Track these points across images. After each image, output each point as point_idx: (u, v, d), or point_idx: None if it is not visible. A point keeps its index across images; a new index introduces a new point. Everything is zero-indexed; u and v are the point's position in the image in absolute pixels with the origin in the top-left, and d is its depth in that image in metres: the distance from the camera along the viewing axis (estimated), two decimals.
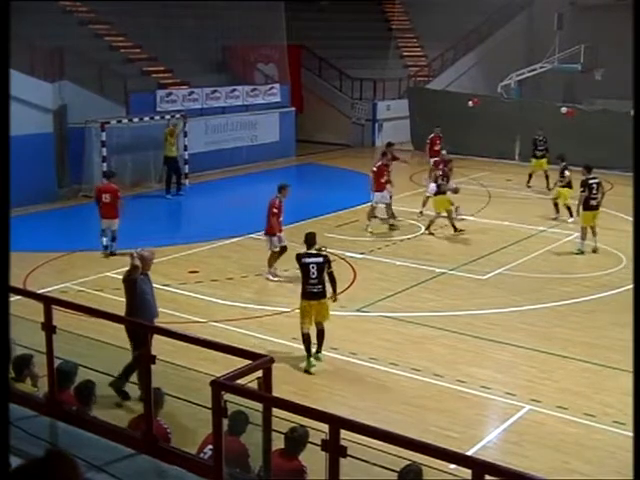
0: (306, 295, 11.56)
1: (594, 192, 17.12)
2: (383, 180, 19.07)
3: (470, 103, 29.89)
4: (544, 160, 23.91)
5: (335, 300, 11.86)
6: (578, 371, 11.56)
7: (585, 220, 17.31)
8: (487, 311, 13.97)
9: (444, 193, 19.17)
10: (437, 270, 16.23)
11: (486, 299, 14.59)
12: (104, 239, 16.85)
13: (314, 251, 11.70)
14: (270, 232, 15.34)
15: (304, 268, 11.53)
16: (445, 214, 19.07)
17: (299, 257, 11.72)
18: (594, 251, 17.33)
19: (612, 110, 27.53)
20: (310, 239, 11.80)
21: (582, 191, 17.18)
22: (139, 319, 9.88)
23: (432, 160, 22.83)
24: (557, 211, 20.32)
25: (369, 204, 19.49)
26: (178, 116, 24.92)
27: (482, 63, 36.63)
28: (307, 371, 11.35)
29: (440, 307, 14.20)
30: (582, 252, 17.30)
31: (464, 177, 25.24)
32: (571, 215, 19.64)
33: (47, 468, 3.08)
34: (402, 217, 20.27)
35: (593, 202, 17.14)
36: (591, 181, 17.19)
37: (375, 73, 33.37)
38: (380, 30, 37.72)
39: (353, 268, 16.30)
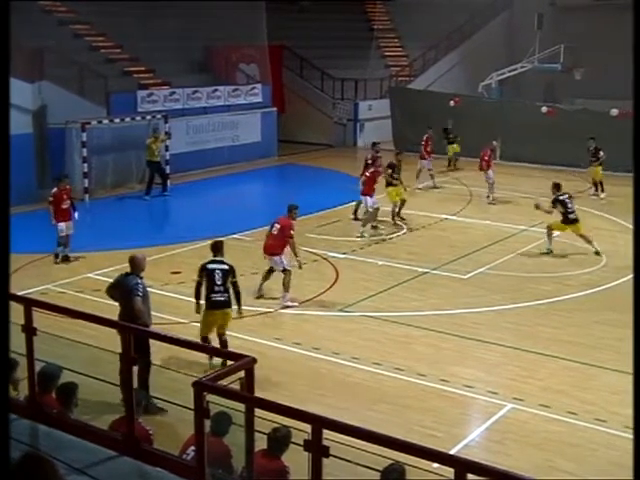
0: (210, 304, 11.35)
1: (569, 206, 17.13)
2: (376, 186, 19.28)
3: (451, 103, 29.98)
4: (455, 145, 26.90)
5: (240, 314, 11.63)
6: (561, 369, 11.61)
7: (558, 228, 17.42)
8: (469, 310, 14.00)
9: (395, 185, 19.54)
10: (419, 270, 16.26)
11: (468, 298, 14.63)
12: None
13: (219, 258, 11.64)
14: (280, 253, 14.27)
15: (209, 274, 11.38)
16: (397, 204, 19.67)
17: (204, 264, 11.64)
18: (597, 253, 16.98)
19: (592, 109, 27.71)
20: (217, 246, 11.75)
21: (553, 206, 17.23)
22: (146, 323, 9.80)
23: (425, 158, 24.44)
24: (596, 189, 23.07)
25: (362, 206, 19.50)
26: (159, 116, 24.84)
27: (463, 63, 36.78)
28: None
29: (423, 307, 14.21)
30: (551, 251, 17.26)
31: (446, 176, 25.32)
32: (602, 191, 22.78)
33: (26, 471, 3.05)
34: (385, 217, 20.29)
35: (572, 215, 17.14)
36: (561, 197, 17.22)
37: (357, 73, 33.42)
38: (361, 30, 37.77)
39: (335, 268, 16.30)
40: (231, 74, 30.23)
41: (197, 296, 11.64)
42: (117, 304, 10.48)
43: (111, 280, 11.33)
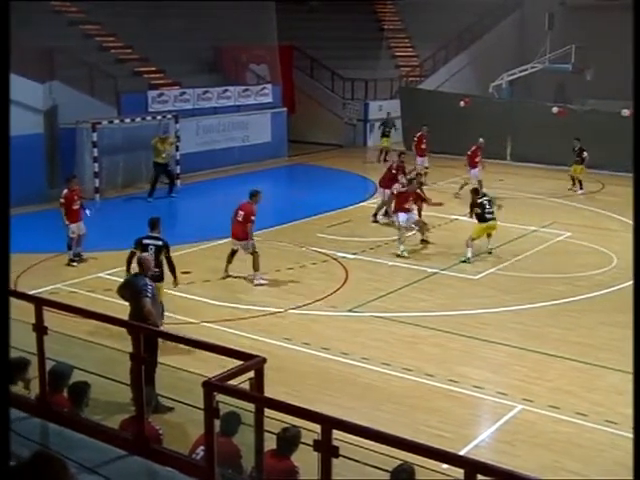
0: None
1: (487, 207, 17.16)
2: (407, 205, 17.80)
3: (462, 103, 29.95)
4: (389, 138, 28.89)
5: (176, 284, 12.65)
6: (570, 370, 11.59)
7: (477, 232, 17.14)
8: (479, 311, 13.99)
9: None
10: (429, 270, 16.25)
11: (478, 299, 14.61)
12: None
13: (156, 234, 12.44)
14: (248, 237, 15.25)
15: (143, 249, 12.21)
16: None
17: (140, 239, 12.42)
18: (489, 252, 17.30)
19: (602, 110, 27.63)
20: (153, 223, 12.56)
21: (475, 210, 17.27)
22: (155, 324, 9.85)
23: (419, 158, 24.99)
24: (574, 184, 24.08)
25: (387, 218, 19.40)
26: (170, 117, 24.90)
27: (474, 63, 36.71)
28: None
29: (432, 307, 14.21)
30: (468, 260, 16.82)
31: (456, 177, 25.27)
32: (581, 188, 23.86)
33: (37, 470, 3.07)
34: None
35: (488, 215, 17.12)
36: (480, 200, 17.31)
37: (367, 73, 33.39)
38: (372, 30, 37.74)
39: (345, 268, 16.31)
40: (241, 74, 30.26)
41: (127, 266, 12.42)
42: (128, 304, 10.52)
43: (122, 280, 11.39)
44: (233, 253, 15.61)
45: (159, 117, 24.81)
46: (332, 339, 12.60)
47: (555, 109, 28.55)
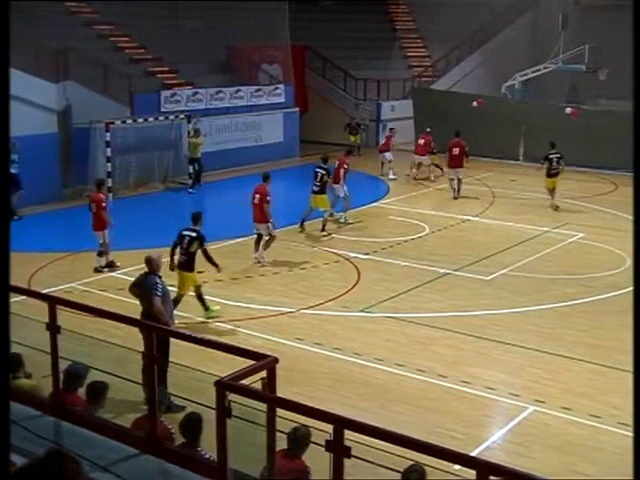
0: (177, 264, 13.31)
1: (554, 164, 21.41)
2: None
3: (474, 103, 29.87)
4: (358, 135, 31.29)
5: (219, 271, 13.72)
6: (583, 372, 11.55)
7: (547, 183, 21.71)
8: (491, 312, 13.95)
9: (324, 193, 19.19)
10: (441, 271, 16.22)
11: (490, 300, 14.58)
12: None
13: (194, 227, 13.40)
14: (267, 220, 16.24)
15: (180, 239, 13.26)
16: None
17: (180, 231, 13.46)
18: (555, 209, 21.35)
19: (616, 110, 27.49)
20: (195, 217, 13.58)
21: (542, 163, 21.69)
22: (166, 322, 9.90)
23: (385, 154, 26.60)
24: (441, 169, 25.26)
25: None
26: (182, 116, 24.97)
27: (486, 63, 36.63)
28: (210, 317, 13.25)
29: (444, 308, 14.19)
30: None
31: (468, 177, 25.22)
32: (441, 169, 25.12)
33: (50, 467, 3.08)
34: (404, 217, 20.26)
35: (553, 171, 21.49)
36: (551, 156, 21.46)
37: (379, 73, 33.40)
38: (384, 30, 37.73)
39: (357, 268, 16.30)
40: (254, 74, 30.30)
41: (171, 256, 13.28)
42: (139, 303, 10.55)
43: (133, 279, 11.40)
44: (259, 238, 16.46)
45: (172, 117, 24.91)
46: (344, 339, 12.60)
47: (568, 109, 28.45)
